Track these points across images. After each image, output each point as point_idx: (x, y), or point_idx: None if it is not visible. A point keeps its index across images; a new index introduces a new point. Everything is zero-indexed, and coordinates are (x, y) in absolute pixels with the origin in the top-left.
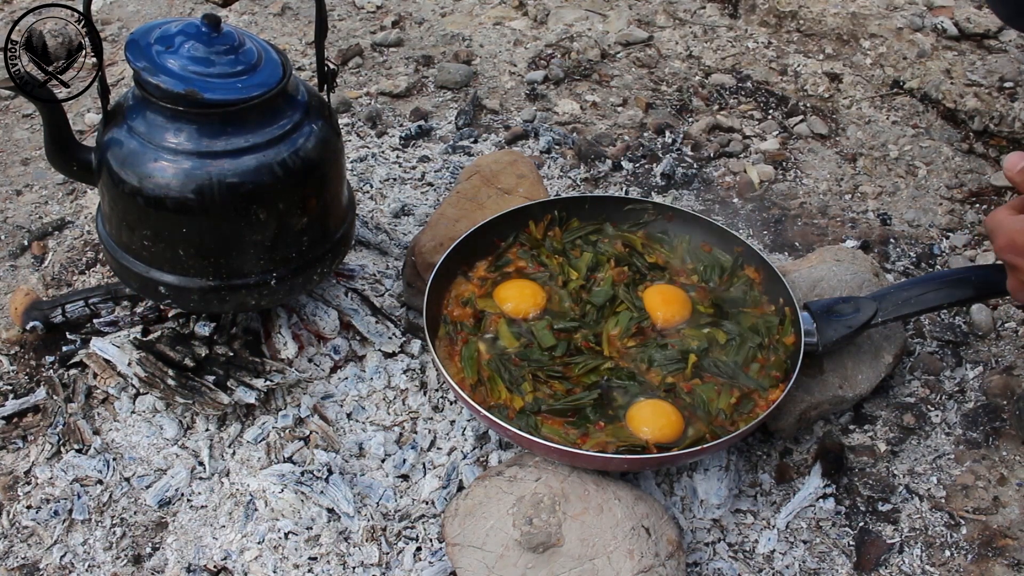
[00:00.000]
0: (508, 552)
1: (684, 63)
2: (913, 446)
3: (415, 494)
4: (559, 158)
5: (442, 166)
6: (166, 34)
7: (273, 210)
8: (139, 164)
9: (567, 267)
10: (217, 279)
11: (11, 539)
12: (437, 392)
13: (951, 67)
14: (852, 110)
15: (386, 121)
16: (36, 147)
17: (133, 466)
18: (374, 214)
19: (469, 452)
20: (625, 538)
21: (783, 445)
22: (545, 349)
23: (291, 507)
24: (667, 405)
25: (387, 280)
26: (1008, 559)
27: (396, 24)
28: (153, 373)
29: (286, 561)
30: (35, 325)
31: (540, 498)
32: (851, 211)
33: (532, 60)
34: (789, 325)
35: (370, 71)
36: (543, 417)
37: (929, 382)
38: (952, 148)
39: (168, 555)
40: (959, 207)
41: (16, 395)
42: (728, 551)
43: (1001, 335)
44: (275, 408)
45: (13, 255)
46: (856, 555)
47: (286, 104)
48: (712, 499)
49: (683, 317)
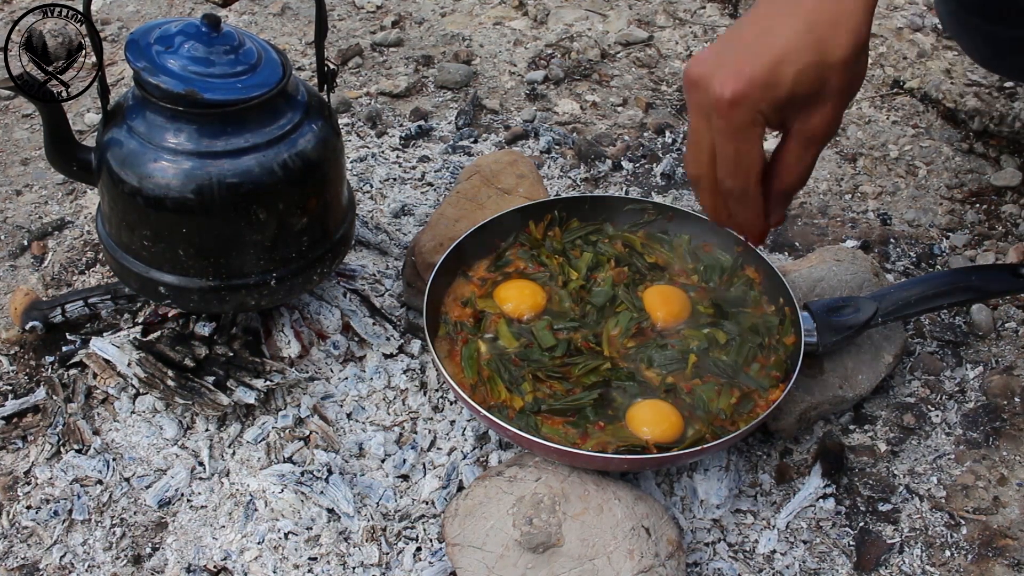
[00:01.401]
0: (508, 552)
1: (684, 63)
2: (913, 446)
3: (415, 494)
4: (559, 158)
5: (442, 166)
6: (166, 34)
7: (273, 210)
8: (139, 164)
9: (567, 267)
10: (217, 279)
11: (11, 539)
12: (437, 392)
13: (951, 67)
14: (852, 110)
15: (386, 121)
16: (36, 147)
17: (133, 466)
18: (374, 214)
19: (469, 452)
20: (625, 538)
21: (783, 445)
22: (545, 349)
23: (291, 507)
24: (667, 405)
25: (387, 280)
26: (1008, 559)
27: (396, 24)
28: (153, 373)
29: (286, 561)
30: (35, 325)
31: (540, 498)
32: (851, 211)
33: (532, 60)
34: (789, 325)
35: (370, 71)
36: (543, 417)
37: (929, 382)
38: (952, 148)
39: (168, 555)
40: (959, 207)
41: (16, 395)
42: (728, 551)
43: (1001, 335)
44: (275, 408)
45: (13, 255)
46: (856, 555)
47: (286, 104)
48: (712, 499)
49: (683, 317)
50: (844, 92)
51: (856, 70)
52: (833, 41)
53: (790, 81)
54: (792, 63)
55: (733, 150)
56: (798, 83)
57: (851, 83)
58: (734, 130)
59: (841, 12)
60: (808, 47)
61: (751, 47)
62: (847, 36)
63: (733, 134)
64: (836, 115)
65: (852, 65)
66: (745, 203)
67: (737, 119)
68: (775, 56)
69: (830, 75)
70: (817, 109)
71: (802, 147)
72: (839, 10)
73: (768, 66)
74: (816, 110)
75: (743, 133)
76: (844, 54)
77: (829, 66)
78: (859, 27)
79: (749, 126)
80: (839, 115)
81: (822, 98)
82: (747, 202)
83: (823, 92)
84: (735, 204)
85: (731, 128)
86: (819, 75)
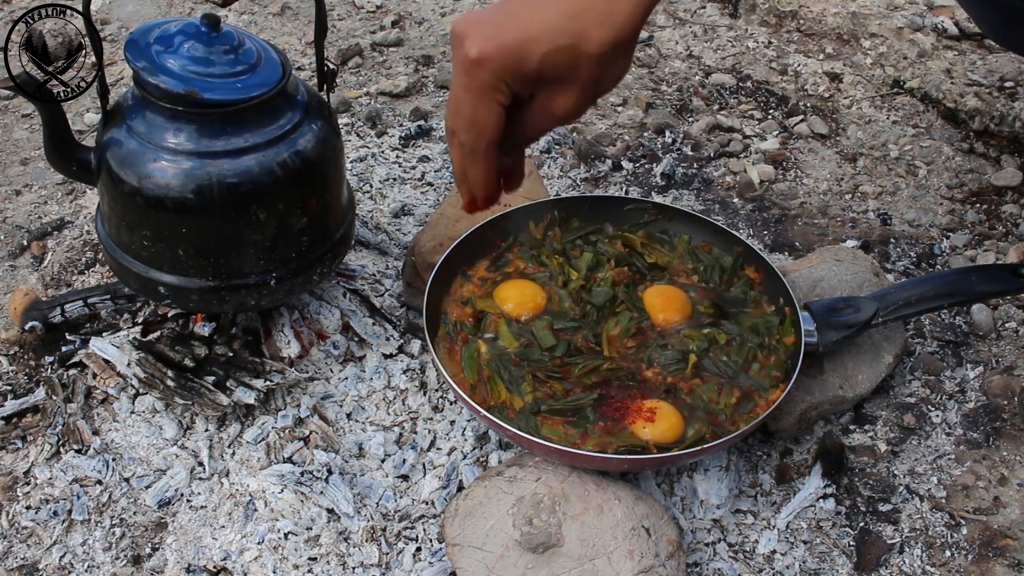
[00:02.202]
0: (508, 552)
1: (684, 63)
2: (913, 446)
3: (415, 494)
4: (559, 158)
5: (442, 166)
6: (165, 34)
7: (273, 210)
8: (139, 164)
9: (567, 267)
10: (217, 279)
11: (10, 539)
12: (437, 392)
13: (951, 67)
14: (852, 110)
15: (386, 121)
16: (35, 147)
17: (133, 466)
18: (374, 214)
19: (469, 452)
20: (625, 538)
21: (783, 445)
22: (545, 349)
23: (291, 507)
24: (667, 405)
25: (387, 280)
26: (1009, 559)
27: (396, 24)
28: (153, 373)
29: (286, 561)
30: (34, 325)
31: (540, 498)
32: (851, 211)
33: None
34: (789, 325)
35: (370, 71)
36: (543, 417)
37: (929, 382)
38: (952, 148)
39: (168, 555)
40: (959, 207)
41: (15, 395)
42: (728, 551)
43: (1002, 335)
44: (275, 408)
45: (12, 255)
46: (856, 555)
47: (286, 104)
48: (712, 499)
49: (683, 317)
50: (593, 84)
51: (611, 67)
52: (593, 32)
53: (537, 59)
54: (545, 43)
55: (471, 108)
56: (545, 63)
57: (602, 77)
58: (475, 89)
59: (611, 8)
60: (566, 32)
61: (513, 16)
62: (608, 31)
63: (473, 92)
64: (580, 103)
65: (607, 60)
66: (475, 162)
67: (479, 79)
68: (531, 32)
69: (582, 64)
70: (562, 92)
71: (539, 117)
72: (609, 7)
73: (520, 39)
74: (561, 92)
75: (482, 95)
76: (601, 49)
77: (582, 55)
78: (623, 26)
79: (489, 90)
80: (584, 104)
81: (569, 83)
82: (477, 161)
83: (572, 78)
84: (469, 162)
85: (472, 86)
86: (571, 61)
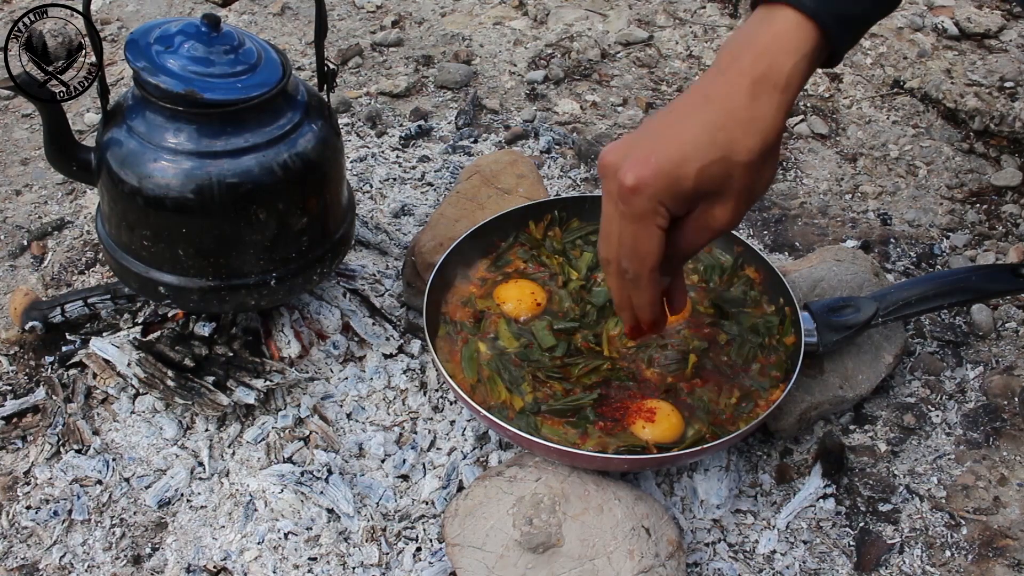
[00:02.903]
0: (508, 552)
1: (684, 63)
2: (913, 446)
3: (415, 494)
4: (559, 158)
5: (442, 166)
6: (166, 34)
7: (273, 210)
8: (139, 164)
9: (567, 267)
10: (217, 279)
11: (10, 539)
12: (437, 392)
13: (951, 67)
14: (852, 110)
15: (386, 121)
16: (35, 147)
17: (133, 466)
18: (374, 214)
19: (469, 452)
20: (625, 538)
21: (783, 445)
22: (545, 349)
23: (291, 507)
24: (667, 405)
25: (387, 280)
26: (1009, 559)
27: (396, 24)
28: (153, 374)
29: (286, 561)
30: (34, 325)
31: (540, 498)
32: (851, 211)
33: (532, 60)
34: (789, 325)
35: (370, 71)
36: (543, 417)
37: (929, 382)
38: (952, 148)
39: (168, 555)
40: (959, 207)
41: (15, 395)
42: (728, 551)
43: (1001, 335)
44: (275, 408)
45: (12, 255)
46: (856, 555)
47: (286, 104)
48: (712, 499)
49: (683, 317)
50: (748, 192)
51: (762, 172)
52: (741, 143)
53: (693, 177)
54: (698, 159)
55: (631, 236)
56: (701, 179)
57: (755, 184)
58: (634, 216)
59: (754, 115)
60: (716, 144)
61: (660, 138)
62: (756, 139)
63: (633, 220)
64: (737, 213)
65: (758, 167)
66: (639, 288)
67: (637, 206)
68: (683, 151)
69: (735, 174)
70: (719, 204)
71: (697, 232)
72: (752, 113)
73: (673, 160)
74: (718, 205)
75: (642, 220)
76: (751, 157)
77: (735, 165)
78: (769, 131)
79: (649, 214)
80: (741, 213)
81: (725, 195)
82: (641, 287)
83: (727, 189)
84: (632, 289)
85: (631, 214)
86: (724, 173)
